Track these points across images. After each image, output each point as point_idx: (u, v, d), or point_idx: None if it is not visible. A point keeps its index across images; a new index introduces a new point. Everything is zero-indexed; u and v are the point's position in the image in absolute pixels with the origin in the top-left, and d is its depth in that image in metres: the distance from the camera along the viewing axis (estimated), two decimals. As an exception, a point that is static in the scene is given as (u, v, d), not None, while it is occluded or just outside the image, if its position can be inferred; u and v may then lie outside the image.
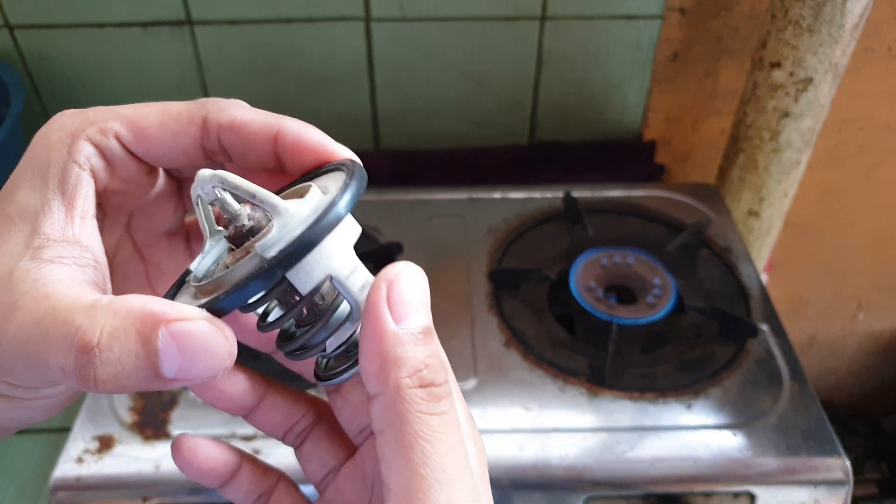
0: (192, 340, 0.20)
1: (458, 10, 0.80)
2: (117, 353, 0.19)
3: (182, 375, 0.20)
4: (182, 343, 0.19)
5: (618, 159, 0.92)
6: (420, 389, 0.21)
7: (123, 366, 0.19)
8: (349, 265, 0.25)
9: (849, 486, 0.56)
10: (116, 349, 0.19)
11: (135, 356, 0.19)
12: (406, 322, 0.22)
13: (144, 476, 0.55)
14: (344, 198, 0.23)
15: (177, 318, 0.20)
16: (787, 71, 0.72)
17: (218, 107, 0.26)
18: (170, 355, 0.19)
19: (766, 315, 0.68)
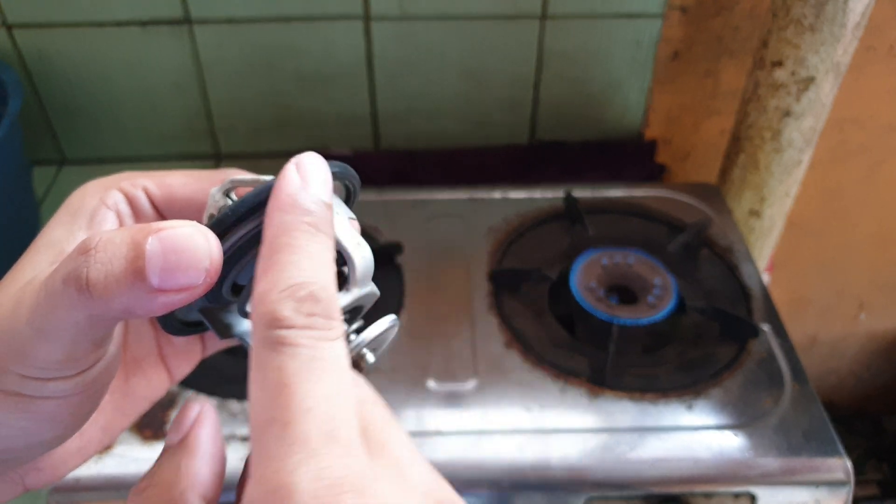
0: (175, 240, 0.21)
1: (458, 8, 0.80)
2: (109, 255, 0.20)
3: (166, 277, 0.20)
4: (166, 242, 0.20)
5: (618, 159, 0.92)
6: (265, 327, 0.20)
7: (113, 267, 0.20)
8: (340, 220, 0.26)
9: (850, 486, 0.56)
10: (109, 251, 0.20)
11: (124, 258, 0.20)
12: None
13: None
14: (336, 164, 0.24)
15: (167, 227, 0.21)
16: (788, 70, 0.72)
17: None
18: (154, 255, 0.20)
19: (768, 315, 0.68)
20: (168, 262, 0.20)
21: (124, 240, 0.20)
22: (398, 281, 0.71)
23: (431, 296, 0.70)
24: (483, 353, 0.64)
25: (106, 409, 0.29)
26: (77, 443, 0.28)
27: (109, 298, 0.20)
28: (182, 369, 0.31)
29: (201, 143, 0.91)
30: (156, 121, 0.88)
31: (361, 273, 0.25)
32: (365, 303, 0.27)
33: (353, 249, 0.25)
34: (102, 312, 0.21)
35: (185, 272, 0.21)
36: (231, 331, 0.29)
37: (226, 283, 0.26)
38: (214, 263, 0.21)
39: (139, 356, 0.30)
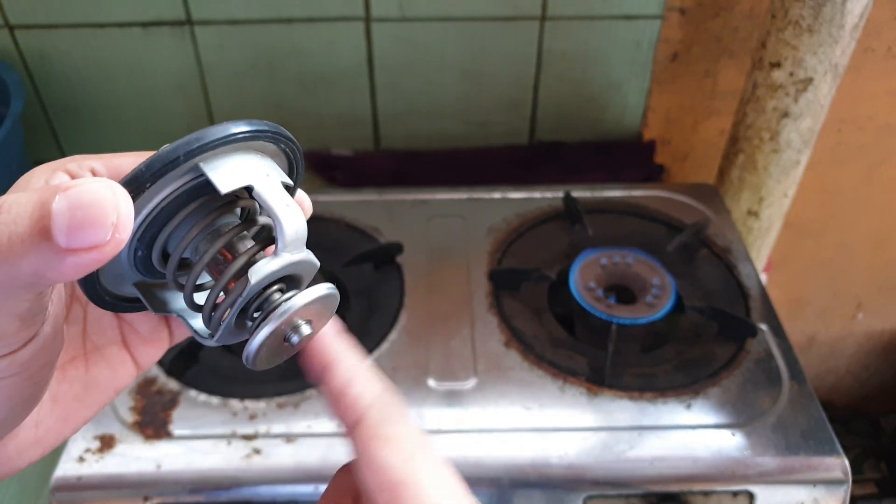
0: (82, 196, 0.20)
1: (458, 10, 0.80)
2: (13, 215, 0.19)
3: (73, 236, 0.19)
4: (72, 199, 0.19)
5: (617, 159, 0.92)
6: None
7: (17, 227, 0.19)
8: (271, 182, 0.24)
9: (847, 485, 0.56)
10: (14, 211, 0.19)
11: (28, 217, 0.19)
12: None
13: (145, 475, 0.55)
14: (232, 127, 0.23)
15: (75, 185, 0.20)
16: (786, 71, 0.72)
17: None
18: (60, 213, 0.19)
19: (766, 315, 0.69)
20: (74, 218, 0.19)
21: (30, 199, 0.19)
22: (398, 281, 0.71)
23: (431, 295, 0.70)
24: (483, 352, 0.64)
25: (64, 398, 0.28)
26: (33, 433, 0.27)
27: (15, 261, 0.19)
28: (148, 357, 0.30)
29: (202, 143, 0.91)
30: (157, 121, 0.89)
31: (291, 237, 0.23)
32: (301, 272, 0.25)
33: (282, 211, 0.23)
34: (11, 277, 0.19)
35: (91, 228, 0.19)
36: (167, 307, 0.27)
37: (154, 250, 0.25)
38: (122, 218, 0.20)
39: (100, 344, 0.29)
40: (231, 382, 0.62)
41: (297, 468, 0.55)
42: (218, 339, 0.25)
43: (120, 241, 0.20)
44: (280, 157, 0.26)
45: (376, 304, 0.69)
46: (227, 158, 0.23)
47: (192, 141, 0.22)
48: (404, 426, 0.26)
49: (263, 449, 0.56)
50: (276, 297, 0.24)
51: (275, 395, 0.61)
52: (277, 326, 0.24)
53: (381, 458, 0.25)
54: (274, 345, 0.25)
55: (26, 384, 0.23)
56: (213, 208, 0.25)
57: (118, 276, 0.26)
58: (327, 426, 0.58)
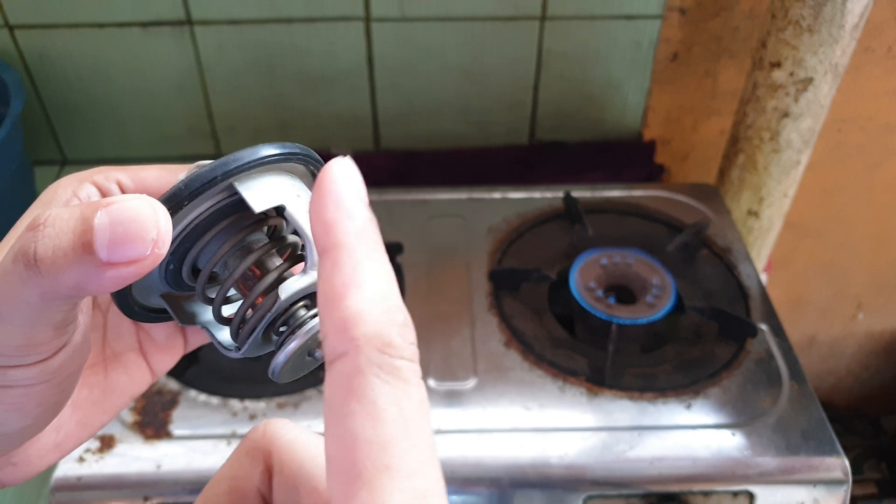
0: (122, 212, 0.20)
1: (458, 10, 0.80)
2: (57, 230, 0.20)
3: (114, 250, 0.20)
4: (114, 215, 0.20)
5: (618, 159, 0.92)
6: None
7: (61, 241, 0.20)
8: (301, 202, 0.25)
9: (848, 485, 0.56)
10: (58, 226, 0.20)
11: (72, 232, 0.20)
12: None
13: (145, 476, 0.55)
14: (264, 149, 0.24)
15: (116, 201, 0.20)
16: (787, 71, 0.72)
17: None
18: (102, 228, 0.20)
19: (766, 315, 0.69)
20: (115, 234, 0.20)
21: (73, 214, 0.20)
22: (398, 281, 0.71)
23: (431, 295, 0.70)
24: (483, 352, 0.64)
25: (83, 404, 0.29)
26: (53, 438, 0.28)
27: (58, 274, 0.20)
28: (164, 364, 0.31)
29: (202, 144, 0.91)
30: (157, 122, 0.89)
31: (311, 261, 0.24)
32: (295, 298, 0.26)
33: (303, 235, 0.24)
34: (53, 289, 0.20)
35: (132, 244, 0.20)
36: (194, 319, 0.28)
37: (185, 264, 0.26)
38: (162, 234, 0.21)
39: (119, 351, 0.30)
40: (231, 382, 0.62)
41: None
42: (244, 352, 0.26)
43: (159, 257, 0.21)
44: (307, 178, 0.27)
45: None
46: (259, 179, 0.24)
47: (230, 162, 0.23)
48: (401, 393, 0.17)
49: (263, 449, 0.56)
50: (301, 314, 0.25)
51: (275, 395, 0.61)
52: (304, 342, 0.24)
53: (352, 427, 0.17)
54: (298, 359, 0.25)
55: (54, 391, 0.24)
56: (244, 226, 0.26)
57: (147, 288, 0.27)
58: (327, 426, 0.58)
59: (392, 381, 0.17)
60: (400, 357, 0.18)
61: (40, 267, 0.20)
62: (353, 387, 0.17)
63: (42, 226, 0.20)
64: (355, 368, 0.17)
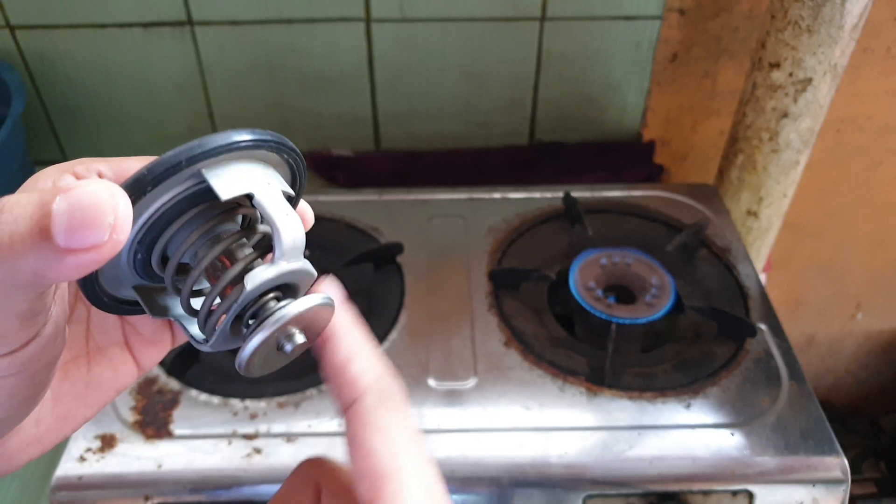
0: (81, 198, 0.20)
1: (458, 10, 0.81)
2: (15, 215, 0.20)
3: (72, 236, 0.20)
4: (72, 200, 0.20)
5: (617, 159, 0.93)
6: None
7: (18, 226, 0.19)
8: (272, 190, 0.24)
9: (847, 485, 0.56)
10: (16, 211, 0.20)
11: (29, 217, 0.19)
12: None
13: (146, 475, 0.55)
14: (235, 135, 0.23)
15: (75, 185, 0.20)
16: (786, 71, 0.72)
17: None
18: (60, 213, 0.19)
19: (765, 315, 0.69)
20: (73, 219, 0.19)
21: (31, 199, 0.20)
22: (398, 281, 0.72)
23: (431, 295, 0.70)
24: (482, 351, 0.65)
25: (65, 397, 0.28)
26: (34, 431, 0.27)
27: (15, 260, 0.19)
28: (150, 358, 0.30)
29: (202, 143, 0.91)
30: (158, 122, 0.89)
31: (289, 245, 0.24)
32: (298, 280, 0.25)
33: (280, 220, 0.23)
34: (11, 276, 0.20)
35: (90, 229, 0.20)
36: (167, 311, 0.27)
37: (154, 254, 0.25)
38: (120, 219, 0.20)
39: (103, 344, 0.29)
40: (232, 382, 0.62)
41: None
42: (213, 345, 0.25)
43: (118, 243, 0.20)
44: (283, 168, 0.26)
45: (376, 304, 0.70)
46: (229, 166, 0.23)
47: (195, 147, 0.22)
48: (400, 416, 0.26)
49: (264, 448, 0.57)
50: (271, 305, 0.24)
51: (275, 394, 0.61)
52: (271, 334, 0.24)
53: (370, 445, 0.25)
54: (267, 352, 0.25)
55: (27, 384, 0.24)
56: (214, 215, 0.25)
57: (118, 279, 0.26)
58: (328, 426, 0.58)
59: (392, 410, 0.26)
60: (395, 394, 0.27)
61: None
62: (368, 420, 0.26)
63: (0, 212, 0.20)
64: (368, 406, 0.26)
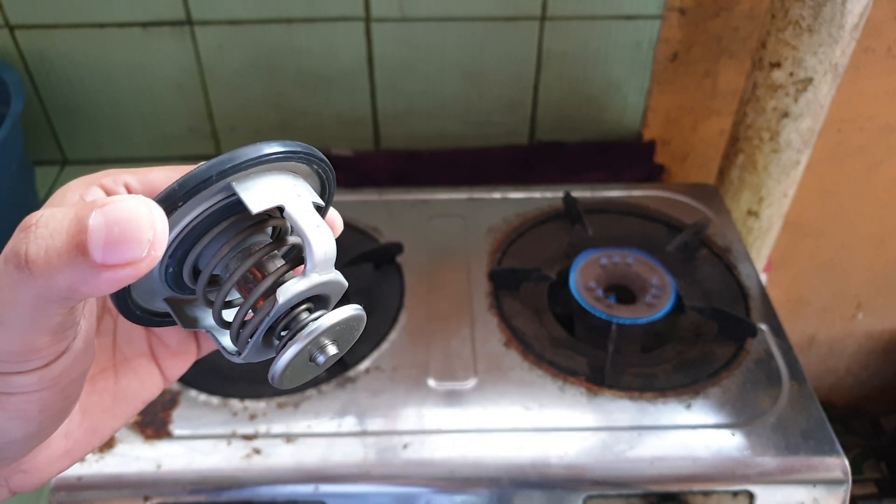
0: (117, 213, 0.20)
1: (458, 10, 0.80)
2: (50, 230, 0.19)
3: (109, 252, 0.19)
4: (109, 216, 0.20)
5: (618, 159, 0.92)
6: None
7: (54, 242, 0.19)
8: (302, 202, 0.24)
9: (847, 485, 0.56)
10: (51, 226, 0.19)
11: (65, 232, 0.19)
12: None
13: (145, 475, 0.55)
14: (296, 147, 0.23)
15: (111, 201, 0.20)
16: (786, 71, 0.72)
17: None
18: (97, 229, 0.19)
19: (766, 315, 0.69)
20: (111, 235, 0.19)
21: (67, 215, 0.20)
22: (398, 281, 0.71)
23: (431, 295, 0.70)
24: (483, 352, 0.64)
25: (93, 409, 0.28)
26: (63, 445, 0.27)
27: (51, 275, 0.19)
28: (176, 369, 0.30)
29: (203, 144, 0.91)
30: (157, 122, 0.89)
31: (320, 257, 0.24)
32: (329, 292, 0.25)
33: (312, 232, 0.23)
34: (46, 291, 0.20)
35: (128, 245, 0.20)
36: (197, 323, 0.28)
37: (185, 267, 0.25)
38: (158, 235, 0.20)
39: (130, 356, 0.29)
40: (231, 382, 0.62)
41: (297, 468, 0.55)
42: (245, 357, 0.25)
43: (155, 258, 0.20)
44: (313, 178, 0.26)
45: (376, 304, 0.69)
46: (259, 179, 0.24)
47: (226, 161, 0.22)
48: None
49: (263, 449, 0.57)
50: (303, 317, 0.24)
51: (275, 394, 0.61)
52: (304, 346, 0.24)
53: None
54: (300, 364, 0.25)
55: (57, 398, 0.24)
56: (245, 227, 0.25)
57: (149, 292, 0.26)
58: (328, 426, 0.58)
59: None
60: None
61: (31, 269, 0.19)
62: None
63: (34, 226, 0.19)
64: None
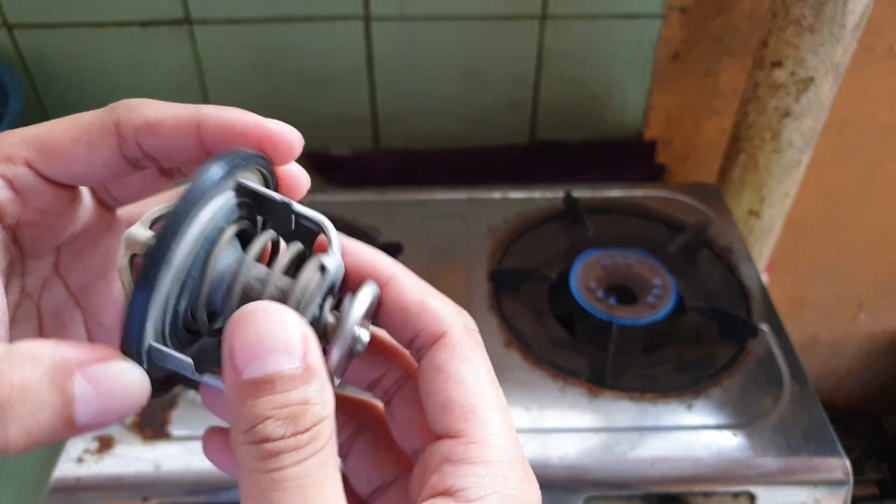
0: (110, 382, 0.18)
1: (458, 9, 0.80)
2: (30, 407, 0.17)
3: (97, 420, 0.18)
4: (98, 384, 0.18)
5: (618, 159, 0.92)
6: (251, 447, 0.19)
7: (37, 419, 0.17)
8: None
9: (849, 486, 0.56)
10: (29, 402, 0.17)
11: (49, 406, 0.18)
12: (248, 370, 0.19)
13: (144, 476, 0.55)
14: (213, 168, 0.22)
15: (91, 360, 0.18)
16: (788, 70, 0.72)
17: (130, 107, 0.24)
18: (84, 399, 0.18)
19: (767, 315, 0.68)
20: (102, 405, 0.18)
21: (42, 384, 0.18)
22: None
23: (431, 296, 0.70)
24: (483, 352, 0.64)
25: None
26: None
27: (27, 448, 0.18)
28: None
29: (201, 143, 0.91)
30: (156, 121, 0.88)
31: (336, 243, 0.23)
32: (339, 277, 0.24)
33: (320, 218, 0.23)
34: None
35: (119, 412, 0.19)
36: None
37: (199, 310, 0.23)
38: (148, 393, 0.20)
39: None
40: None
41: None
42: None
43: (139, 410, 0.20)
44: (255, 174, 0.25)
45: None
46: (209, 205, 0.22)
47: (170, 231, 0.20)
48: (482, 351, 0.25)
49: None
50: (330, 318, 0.23)
51: (274, 395, 0.60)
52: (347, 345, 0.23)
53: (461, 376, 0.23)
54: (344, 363, 0.24)
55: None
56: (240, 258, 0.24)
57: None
58: (327, 427, 0.58)
59: (477, 343, 0.25)
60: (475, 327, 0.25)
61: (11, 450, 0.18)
62: (458, 351, 0.24)
63: (8, 404, 0.17)
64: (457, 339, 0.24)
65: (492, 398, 0.23)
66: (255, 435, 0.19)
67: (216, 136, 0.24)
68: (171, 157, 0.24)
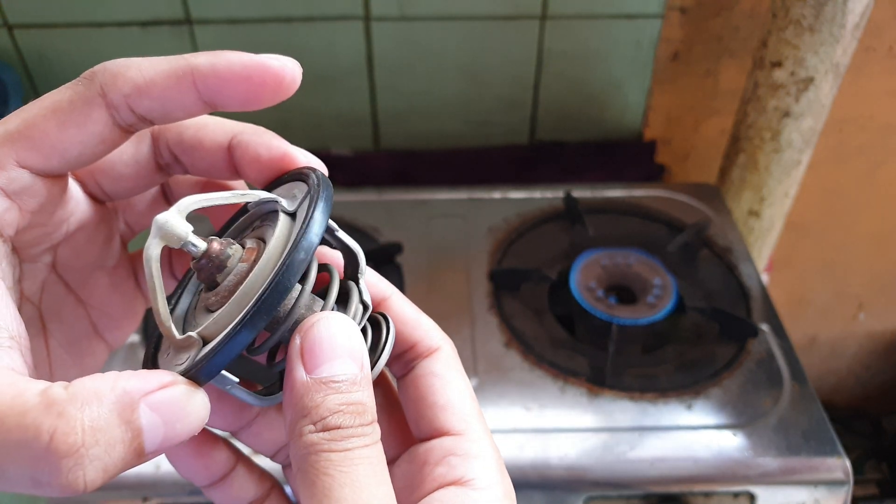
0: (174, 408, 0.19)
1: (458, 9, 0.80)
2: (104, 446, 0.18)
3: (164, 446, 0.19)
4: (165, 413, 0.19)
5: (618, 159, 0.92)
6: (325, 433, 0.20)
7: (112, 457, 0.18)
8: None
9: (849, 486, 0.56)
10: (102, 441, 0.17)
11: (121, 442, 0.18)
12: (319, 371, 0.21)
13: (144, 476, 0.55)
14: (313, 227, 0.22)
15: (153, 389, 0.19)
16: (787, 70, 0.72)
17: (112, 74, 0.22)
18: (153, 429, 0.18)
19: (767, 315, 0.68)
20: (169, 431, 0.19)
21: (111, 422, 0.18)
22: (398, 281, 0.71)
23: (431, 295, 0.70)
24: (483, 352, 0.64)
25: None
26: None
27: (104, 483, 0.18)
28: (121, 339, 0.30)
29: (201, 143, 0.91)
30: (156, 121, 0.88)
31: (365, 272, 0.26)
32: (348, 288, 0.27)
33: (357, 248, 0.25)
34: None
35: (184, 435, 0.19)
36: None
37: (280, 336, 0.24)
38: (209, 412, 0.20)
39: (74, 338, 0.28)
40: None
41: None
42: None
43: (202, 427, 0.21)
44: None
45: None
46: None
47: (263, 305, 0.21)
48: (463, 373, 0.27)
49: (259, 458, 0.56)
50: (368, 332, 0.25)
51: (274, 395, 0.60)
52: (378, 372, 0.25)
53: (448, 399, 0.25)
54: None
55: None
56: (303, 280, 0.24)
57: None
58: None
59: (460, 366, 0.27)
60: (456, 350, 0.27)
61: (89, 489, 0.18)
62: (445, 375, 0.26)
63: (83, 448, 0.17)
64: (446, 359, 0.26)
65: (478, 422, 0.26)
66: (328, 423, 0.21)
67: (215, 87, 0.23)
68: (169, 115, 0.23)
